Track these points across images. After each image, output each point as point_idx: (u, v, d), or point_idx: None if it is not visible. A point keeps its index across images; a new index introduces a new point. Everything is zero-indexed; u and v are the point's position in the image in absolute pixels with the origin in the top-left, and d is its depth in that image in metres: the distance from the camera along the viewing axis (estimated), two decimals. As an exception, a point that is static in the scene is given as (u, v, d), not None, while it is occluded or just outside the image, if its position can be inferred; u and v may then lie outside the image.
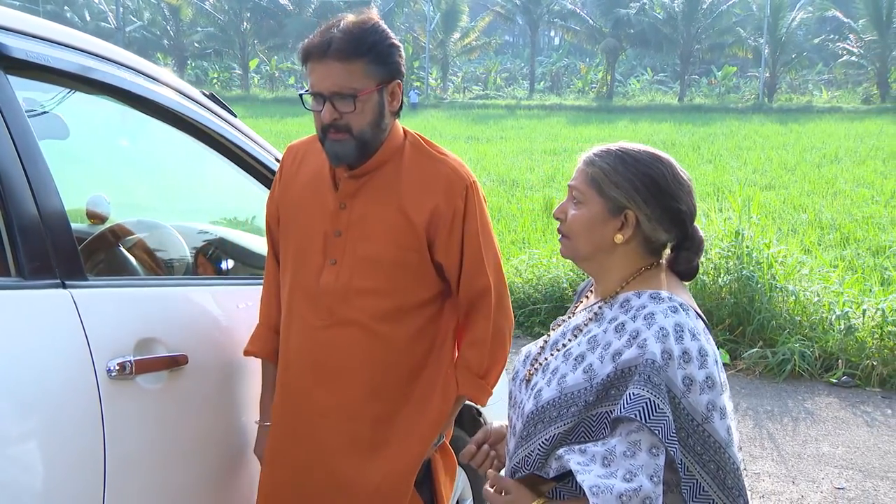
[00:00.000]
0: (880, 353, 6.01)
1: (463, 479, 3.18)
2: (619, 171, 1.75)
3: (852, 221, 11.57)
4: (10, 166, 1.93)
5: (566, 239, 1.81)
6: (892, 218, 11.87)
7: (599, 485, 1.56)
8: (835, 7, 44.55)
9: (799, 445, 5.02)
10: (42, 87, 2.25)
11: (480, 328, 2.29)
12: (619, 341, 1.69)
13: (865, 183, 15.23)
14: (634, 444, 1.59)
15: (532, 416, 1.74)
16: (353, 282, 2.19)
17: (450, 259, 2.23)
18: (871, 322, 6.16)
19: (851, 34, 42.46)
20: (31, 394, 1.86)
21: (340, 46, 2.04)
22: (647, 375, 1.61)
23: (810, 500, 4.35)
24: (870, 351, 6.02)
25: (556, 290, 7.33)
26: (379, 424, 2.25)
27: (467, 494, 3.23)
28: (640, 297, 1.74)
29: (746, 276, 6.47)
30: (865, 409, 5.60)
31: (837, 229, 11.04)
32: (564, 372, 1.74)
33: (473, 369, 2.31)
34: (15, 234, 1.92)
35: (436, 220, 2.18)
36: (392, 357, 2.24)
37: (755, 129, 27.15)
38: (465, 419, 3.21)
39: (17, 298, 1.91)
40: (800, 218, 11.76)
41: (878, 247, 9.97)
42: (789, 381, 6.04)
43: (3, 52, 1.97)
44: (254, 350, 2.38)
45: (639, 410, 1.58)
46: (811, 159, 18.99)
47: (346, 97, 2.07)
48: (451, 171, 2.22)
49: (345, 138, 2.10)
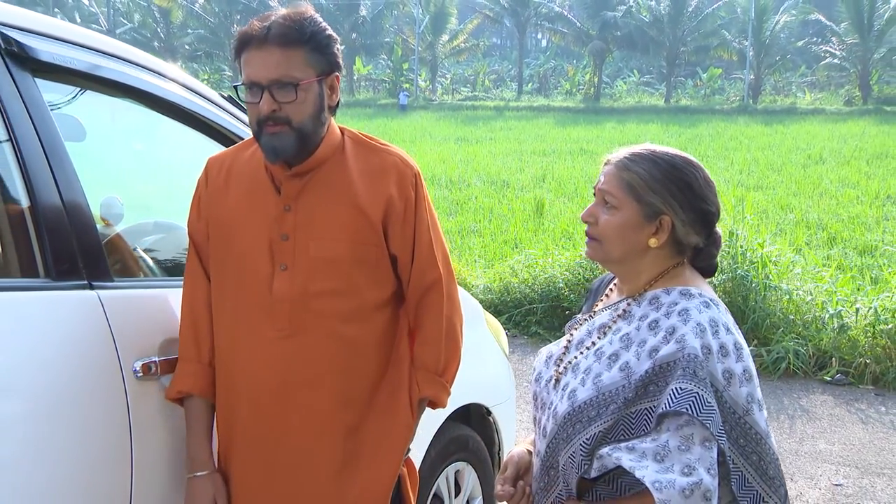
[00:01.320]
0: (873, 351, 6.05)
1: (473, 478, 3.18)
2: (656, 176, 1.74)
3: (839, 221, 11.64)
4: (39, 169, 1.92)
5: (596, 242, 1.80)
6: (878, 217, 11.94)
7: (661, 480, 1.55)
8: (817, 10, 44.82)
9: (796, 443, 5.05)
10: (59, 89, 2.23)
11: (432, 324, 2.16)
12: (654, 338, 1.69)
13: (850, 183, 15.32)
14: (687, 438, 1.60)
15: (569, 417, 1.73)
16: (309, 285, 2.03)
17: (404, 251, 2.12)
18: (863, 320, 6.20)
19: (834, 37, 42.67)
20: (62, 393, 1.85)
21: (281, 31, 1.93)
22: (691, 370, 1.61)
23: (809, 496, 4.37)
24: (863, 349, 6.06)
25: (552, 290, 7.34)
26: (350, 436, 2.09)
27: (477, 493, 3.23)
28: (670, 294, 1.75)
29: (741, 275, 6.50)
30: (860, 406, 5.63)
31: (824, 229, 11.10)
32: (599, 371, 1.73)
33: (431, 368, 2.16)
34: (43, 236, 1.91)
35: (390, 211, 2.07)
36: (358, 361, 2.09)
37: (741, 131, 27.27)
38: (475, 418, 3.21)
39: (47, 299, 1.90)
40: (787, 218, 11.82)
41: (864, 246, 10.04)
42: (784, 379, 6.07)
43: (31, 55, 1.97)
44: (187, 388, 2.07)
45: (689, 404, 1.58)
46: (796, 160, 19.09)
47: (286, 86, 1.93)
48: (398, 160, 2.11)
49: (283, 131, 1.95)
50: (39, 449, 1.79)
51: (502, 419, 3.30)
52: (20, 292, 1.88)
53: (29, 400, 1.78)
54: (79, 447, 1.88)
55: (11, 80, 1.92)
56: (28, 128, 1.92)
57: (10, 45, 1.94)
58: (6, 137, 1.90)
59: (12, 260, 1.95)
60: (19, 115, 1.91)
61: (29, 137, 1.92)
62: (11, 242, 1.96)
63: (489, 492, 3.26)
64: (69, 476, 1.86)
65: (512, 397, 3.46)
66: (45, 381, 1.82)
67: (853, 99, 39.16)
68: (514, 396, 3.53)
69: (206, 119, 2.44)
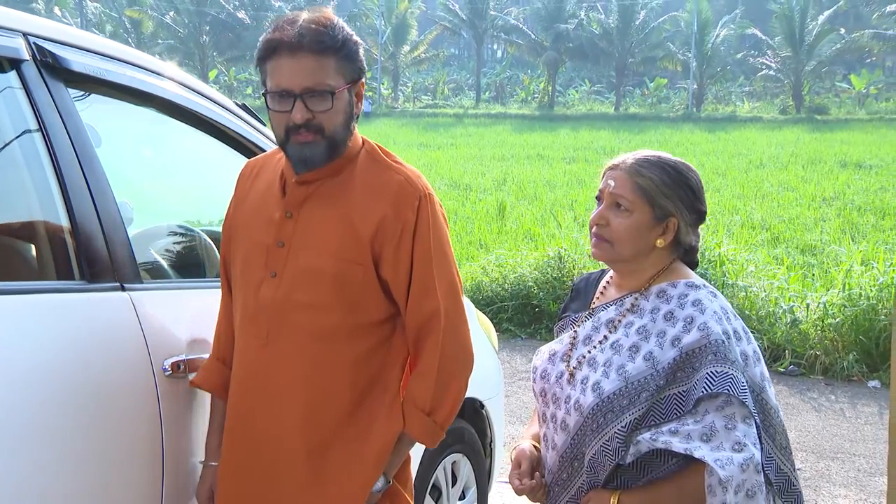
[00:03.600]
0: (822, 343, 6.18)
1: (468, 468, 3.19)
2: (666, 181, 1.78)
3: (781, 222, 11.85)
4: (73, 176, 1.90)
5: (606, 244, 1.82)
6: (815, 218, 12.18)
7: (720, 458, 1.60)
8: (754, 25, 45.56)
9: (755, 429, 5.13)
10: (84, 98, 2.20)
11: (427, 359, 1.92)
12: (673, 328, 1.73)
13: (790, 186, 15.60)
14: (730, 417, 1.64)
15: (597, 408, 1.74)
16: (291, 295, 1.89)
17: (398, 277, 1.90)
18: (813, 315, 6.33)
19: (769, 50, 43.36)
20: (98, 389, 1.83)
21: (316, 38, 1.78)
22: (722, 353, 1.66)
23: (770, 479, 4.45)
24: (813, 342, 6.19)
25: (522, 289, 7.38)
26: (314, 457, 1.91)
27: (471, 483, 3.24)
28: (677, 287, 1.80)
29: (700, 273, 6.58)
30: (812, 395, 5.75)
31: (768, 229, 11.29)
32: (621, 363, 1.75)
33: (419, 405, 1.93)
34: (78, 240, 1.89)
35: (382, 231, 1.87)
36: (330, 382, 1.90)
37: (686, 137, 27.60)
38: (468, 411, 3.22)
39: (82, 301, 1.88)
40: (734, 219, 12.00)
41: (805, 245, 10.24)
42: (740, 370, 6.16)
43: (65, 66, 1.94)
44: (199, 381, 2.04)
45: (729, 385, 1.63)
46: (739, 165, 19.38)
47: (322, 94, 1.79)
48: (403, 180, 1.91)
49: (315, 139, 1.82)
50: (79, 441, 1.78)
51: (494, 412, 3.32)
52: (58, 294, 1.86)
53: (68, 395, 1.76)
54: (114, 441, 1.87)
55: (47, 91, 1.90)
56: (63, 137, 1.90)
57: (44, 57, 1.91)
58: (44, 146, 1.88)
59: (49, 263, 1.94)
60: (55, 124, 1.90)
61: (64, 146, 1.90)
62: (48, 246, 1.94)
63: (482, 481, 3.28)
64: (104, 469, 1.84)
65: (501, 391, 3.49)
66: (83, 376, 1.80)
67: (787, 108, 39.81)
68: (503, 390, 3.55)
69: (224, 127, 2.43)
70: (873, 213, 12.40)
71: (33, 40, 1.91)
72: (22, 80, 1.87)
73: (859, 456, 4.80)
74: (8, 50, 1.85)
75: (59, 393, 1.75)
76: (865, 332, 6.09)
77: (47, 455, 1.71)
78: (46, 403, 1.72)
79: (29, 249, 2.02)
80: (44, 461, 1.70)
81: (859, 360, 6.02)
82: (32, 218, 1.98)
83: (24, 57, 1.87)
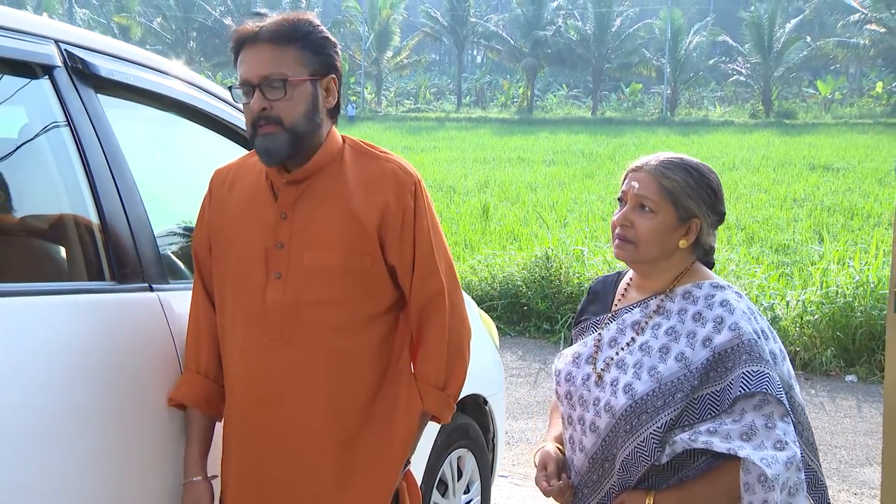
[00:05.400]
0: (801, 339, 6.23)
1: (472, 463, 3.19)
2: (690, 183, 1.76)
3: (755, 222, 11.93)
4: (104, 180, 1.90)
5: (630, 244, 1.79)
6: (787, 219, 12.29)
7: (766, 457, 1.57)
8: (725, 32, 45.96)
9: (740, 422, 5.17)
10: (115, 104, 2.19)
11: (435, 337, 1.95)
12: (704, 329, 1.70)
13: (762, 188, 15.70)
14: (769, 415, 1.62)
15: (631, 410, 1.70)
16: (302, 295, 1.86)
17: (403, 260, 1.91)
18: (792, 312, 6.38)
19: (739, 57, 43.78)
20: (130, 384, 1.84)
21: (273, 28, 1.79)
22: (756, 353, 1.64)
23: (756, 470, 4.49)
24: (792, 338, 6.24)
25: (510, 288, 7.39)
26: (342, 450, 1.90)
27: (475, 477, 3.24)
28: (702, 288, 1.77)
29: (684, 272, 6.63)
30: (792, 388, 5.81)
31: (743, 229, 11.37)
32: (652, 364, 1.72)
33: (432, 382, 1.95)
34: (108, 242, 1.89)
35: (387, 219, 1.88)
36: (351, 374, 1.90)
37: (661, 140, 27.73)
38: (472, 407, 3.22)
39: (114, 301, 1.88)
40: (711, 219, 12.06)
41: (778, 244, 10.33)
42: (723, 365, 6.20)
43: (94, 72, 1.94)
44: (180, 397, 1.92)
45: (766, 384, 1.62)
46: (712, 167, 19.28)
47: (275, 83, 1.78)
48: (397, 168, 1.93)
49: (275, 131, 1.79)
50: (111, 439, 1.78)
51: (496, 408, 3.33)
52: (90, 294, 1.86)
53: (101, 394, 1.76)
54: (145, 439, 1.87)
55: (78, 97, 1.89)
56: (94, 142, 1.90)
57: (75, 63, 1.90)
58: (75, 150, 1.87)
59: (81, 264, 1.93)
60: (86, 129, 1.89)
61: (95, 151, 1.90)
62: (80, 249, 1.93)
63: (486, 475, 3.28)
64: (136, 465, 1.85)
65: (503, 388, 3.49)
66: (116, 376, 1.80)
67: (757, 112, 40.18)
68: (504, 387, 3.56)
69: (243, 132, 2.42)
70: (842, 214, 12.53)
71: (64, 47, 1.91)
72: (54, 85, 1.86)
73: (840, 448, 4.85)
74: (42, 56, 1.84)
75: (93, 392, 1.74)
76: (843, 328, 6.15)
77: (80, 453, 1.70)
78: (81, 403, 1.71)
79: (60, 251, 2.01)
80: (77, 459, 1.69)
81: (837, 355, 6.07)
82: (64, 220, 1.97)
83: (56, 63, 1.87)
